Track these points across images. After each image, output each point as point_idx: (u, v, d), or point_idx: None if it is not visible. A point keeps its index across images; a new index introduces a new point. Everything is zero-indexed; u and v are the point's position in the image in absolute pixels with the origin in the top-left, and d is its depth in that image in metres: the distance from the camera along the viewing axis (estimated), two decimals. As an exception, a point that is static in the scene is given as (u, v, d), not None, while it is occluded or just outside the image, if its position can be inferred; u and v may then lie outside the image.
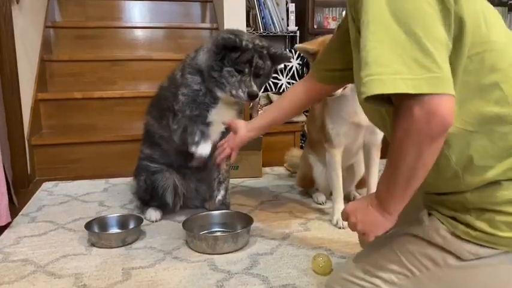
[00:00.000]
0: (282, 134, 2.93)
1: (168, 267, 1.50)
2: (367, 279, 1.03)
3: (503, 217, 0.83)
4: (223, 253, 1.56)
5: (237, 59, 1.59)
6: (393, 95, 0.79)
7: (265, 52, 1.63)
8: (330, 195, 2.00)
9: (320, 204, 2.09)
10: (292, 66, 3.29)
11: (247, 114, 2.89)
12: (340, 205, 1.86)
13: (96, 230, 1.72)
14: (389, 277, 1.00)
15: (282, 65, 3.39)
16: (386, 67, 0.76)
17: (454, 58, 0.82)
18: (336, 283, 1.10)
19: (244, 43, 1.59)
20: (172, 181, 1.87)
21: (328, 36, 1.70)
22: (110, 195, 2.26)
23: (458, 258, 0.90)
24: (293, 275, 1.43)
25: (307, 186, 2.18)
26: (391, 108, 0.84)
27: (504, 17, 3.99)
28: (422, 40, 0.76)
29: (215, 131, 1.79)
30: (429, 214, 0.99)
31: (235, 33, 1.64)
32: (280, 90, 3.33)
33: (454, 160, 0.89)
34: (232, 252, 1.57)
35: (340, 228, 1.79)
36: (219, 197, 1.81)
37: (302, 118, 2.90)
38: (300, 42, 3.91)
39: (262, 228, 1.79)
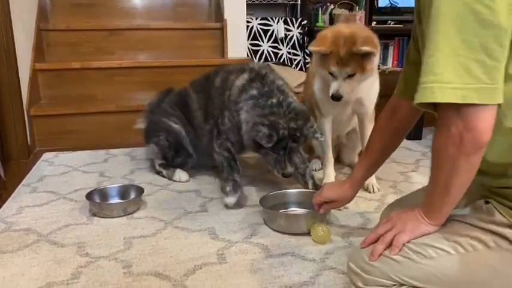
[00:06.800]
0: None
1: (169, 236, 1.52)
2: (402, 254, 0.93)
3: None
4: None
5: (274, 146, 1.62)
6: (440, 103, 0.79)
7: (298, 135, 1.64)
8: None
9: (313, 170, 2.14)
10: (293, 35, 3.24)
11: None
12: (329, 170, 1.94)
13: (97, 200, 1.73)
14: (426, 252, 0.92)
15: (283, 34, 3.34)
16: (439, 75, 0.78)
17: None
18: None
19: (280, 133, 1.59)
20: (191, 136, 2.02)
21: (336, 29, 1.61)
22: (111, 165, 2.27)
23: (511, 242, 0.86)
24: (292, 243, 1.45)
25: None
26: None
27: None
28: (477, 49, 0.76)
29: None
30: (486, 202, 0.94)
31: (271, 121, 1.59)
32: (281, 60, 3.29)
33: None
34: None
35: None
36: (310, 186, 1.83)
37: (302, 89, 2.88)
38: (300, 11, 3.86)
39: (262, 198, 1.80)
